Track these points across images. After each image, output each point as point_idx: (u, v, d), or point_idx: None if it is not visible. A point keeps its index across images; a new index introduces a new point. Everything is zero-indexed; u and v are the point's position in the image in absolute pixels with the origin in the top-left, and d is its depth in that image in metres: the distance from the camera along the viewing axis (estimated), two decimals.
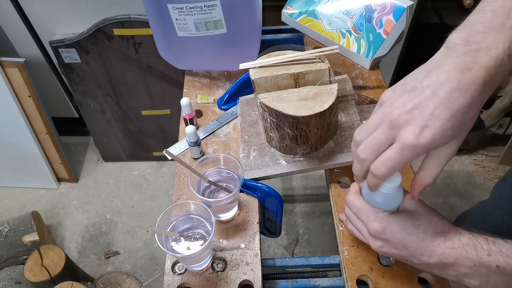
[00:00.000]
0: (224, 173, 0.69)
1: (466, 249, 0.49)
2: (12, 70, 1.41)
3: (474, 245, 0.49)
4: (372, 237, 0.54)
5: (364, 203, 0.56)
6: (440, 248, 0.50)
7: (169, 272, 0.65)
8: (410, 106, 0.44)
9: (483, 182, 1.74)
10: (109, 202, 1.75)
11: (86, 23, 1.37)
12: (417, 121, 0.43)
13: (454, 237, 0.50)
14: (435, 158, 0.47)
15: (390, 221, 0.53)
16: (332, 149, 0.73)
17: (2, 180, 1.78)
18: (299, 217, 1.67)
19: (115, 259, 1.58)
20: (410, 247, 0.51)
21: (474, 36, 0.42)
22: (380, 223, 0.53)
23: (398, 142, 0.44)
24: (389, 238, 0.52)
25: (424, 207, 0.54)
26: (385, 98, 0.47)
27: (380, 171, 0.46)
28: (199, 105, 0.88)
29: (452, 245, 0.50)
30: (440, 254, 0.50)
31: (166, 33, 0.83)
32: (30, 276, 1.21)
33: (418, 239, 0.51)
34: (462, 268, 0.49)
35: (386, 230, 0.52)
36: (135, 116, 1.66)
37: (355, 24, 0.88)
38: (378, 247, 0.54)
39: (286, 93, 0.68)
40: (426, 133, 0.43)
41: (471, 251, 0.49)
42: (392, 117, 0.44)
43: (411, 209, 0.54)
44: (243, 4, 0.78)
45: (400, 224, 0.52)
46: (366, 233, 0.56)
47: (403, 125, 0.44)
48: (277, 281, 0.66)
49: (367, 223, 0.54)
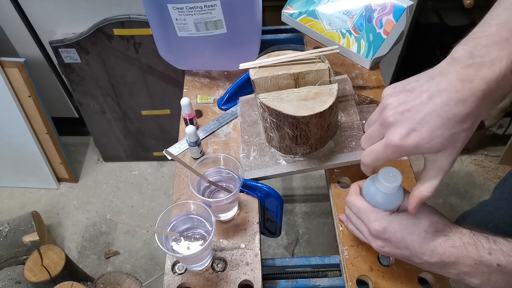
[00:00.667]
0: (224, 173, 0.69)
1: (467, 247, 0.49)
2: (12, 70, 1.41)
3: (475, 243, 0.49)
4: (373, 237, 0.55)
5: (365, 203, 0.56)
6: (441, 247, 0.50)
7: (169, 272, 0.65)
8: (403, 108, 0.45)
9: (483, 182, 1.74)
10: (109, 202, 1.75)
11: (86, 23, 1.37)
12: (406, 123, 0.45)
13: (455, 236, 0.51)
14: (431, 169, 0.49)
15: (391, 221, 0.53)
16: (332, 149, 0.73)
17: (2, 180, 1.78)
18: (299, 217, 1.67)
19: (115, 259, 1.58)
20: (412, 247, 0.51)
21: (478, 49, 0.43)
22: (381, 223, 0.53)
23: (385, 139, 0.47)
24: (390, 238, 0.52)
25: (424, 206, 0.54)
26: (385, 94, 0.49)
27: (365, 159, 0.51)
28: (199, 105, 0.88)
29: (453, 243, 0.50)
30: (441, 253, 0.50)
31: (166, 33, 0.83)
32: (30, 276, 1.21)
33: (419, 238, 0.51)
34: (463, 267, 0.49)
35: (387, 230, 0.52)
36: (135, 116, 1.66)
37: (355, 24, 0.88)
38: (380, 247, 0.54)
39: (286, 93, 0.68)
40: (412, 136, 0.44)
41: (472, 249, 0.49)
42: (385, 115, 0.46)
43: None
44: (243, 4, 0.78)
45: (401, 224, 0.52)
46: (367, 233, 0.56)
47: (392, 125, 0.46)
48: (277, 281, 0.66)
49: (368, 223, 0.54)
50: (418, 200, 0.50)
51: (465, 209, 1.01)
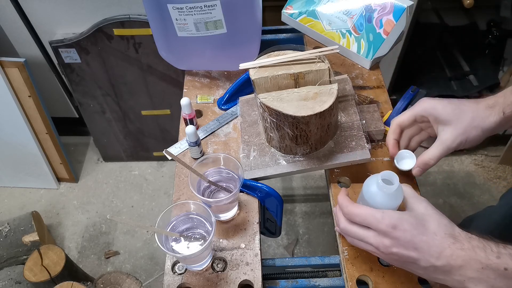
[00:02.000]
0: (224, 173, 0.69)
1: (476, 250, 0.48)
2: (12, 70, 1.41)
3: (484, 247, 0.49)
4: (381, 236, 0.52)
5: (365, 208, 0.54)
6: (450, 249, 0.49)
7: (169, 272, 0.65)
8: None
9: (483, 182, 1.74)
10: (109, 202, 1.75)
11: (86, 23, 1.37)
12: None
13: (464, 239, 0.50)
14: (436, 143, 0.64)
15: (401, 219, 0.52)
16: (332, 149, 0.73)
17: (2, 180, 1.78)
18: (299, 217, 1.67)
19: (115, 259, 1.58)
20: (420, 247, 0.50)
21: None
22: (390, 220, 0.51)
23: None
24: (399, 237, 0.51)
25: (433, 210, 0.53)
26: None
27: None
28: (199, 105, 0.88)
29: (461, 246, 0.49)
30: (448, 255, 0.49)
31: (166, 33, 0.83)
32: (30, 276, 1.21)
33: (428, 239, 0.50)
34: (469, 272, 0.48)
35: (397, 227, 0.51)
36: (135, 116, 1.66)
37: (355, 24, 0.88)
38: (387, 247, 0.52)
39: (286, 93, 0.68)
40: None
41: (480, 252, 0.48)
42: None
43: (420, 211, 0.54)
44: (243, 4, 0.78)
45: (410, 223, 0.51)
46: (373, 236, 0.53)
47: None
48: (277, 281, 0.66)
49: (377, 223, 0.52)
50: (422, 163, 0.65)
51: (465, 209, 1.01)
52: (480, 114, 0.62)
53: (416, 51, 1.78)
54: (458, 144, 0.62)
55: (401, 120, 0.68)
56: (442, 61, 1.88)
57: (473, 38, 1.90)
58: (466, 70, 1.84)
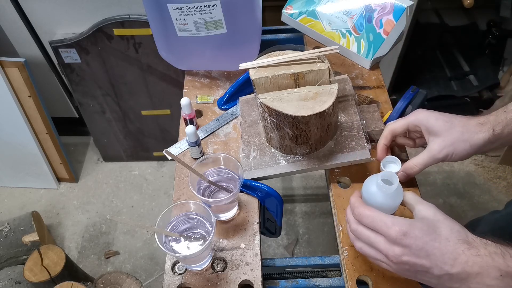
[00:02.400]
0: (224, 173, 0.69)
1: (493, 257, 0.46)
2: (12, 70, 1.41)
3: (502, 253, 0.46)
4: (391, 243, 0.50)
5: (376, 211, 0.52)
6: (465, 255, 0.47)
7: (169, 272, 0.65)
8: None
9: (483, 182, 1.74)
10: (109, 202, 1.75)
11: (86, 23, 1.37)
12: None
13: (480, 245, 0.48)
14: (423, 151, 0.66)
15: (411, 225, 0.49)
16: (332, 149, 0.73)
17: (2, 180, 1.78)
18: (299, 217, 1.67)
19: (115, 259, 1.58)
20: (433, 254, 0.48)
21: None
22: (401, 227, 0.49)
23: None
24: (411, 244, 0.48)
25: (444, 216, 0.51)
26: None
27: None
28: (199, 105, 0.88)
29: (477, 252, 0.47)
30: (464, 261, 0.47)
31: (166, 33, 0.83)
32: (30, 276, 1.21)
33: (441, 245, 0.48)
34: (487, 280, 0.46)
35: (408, 234, 0.49)
36: (135, 116, 1.66)
37: (355, 24, 0.88)
38: (397, 256, 0.49)
39: (286, 93, 0.68)
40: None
41: (498, 259, 0.46)
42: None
43: (430, 217, 0.51)
44: (243, 4, 0.78)
45: (421, 229, 0.49)
46: (383, 243, 0.51)
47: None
48: (277, 281, 0.66)
49: (386, 229, 0.50)
50: (406, 168, 0.68)
51: (465, 209, 1.01)
52: (471, 129, 0.63)
53: (416, 51, 1.78)
54: (445, 155, 0.64)
55: (394, 127, 0.70)
56: (442, 61, 1.88)
57: (473, 38, 1.90)
58: (466, 70, 1.84)
